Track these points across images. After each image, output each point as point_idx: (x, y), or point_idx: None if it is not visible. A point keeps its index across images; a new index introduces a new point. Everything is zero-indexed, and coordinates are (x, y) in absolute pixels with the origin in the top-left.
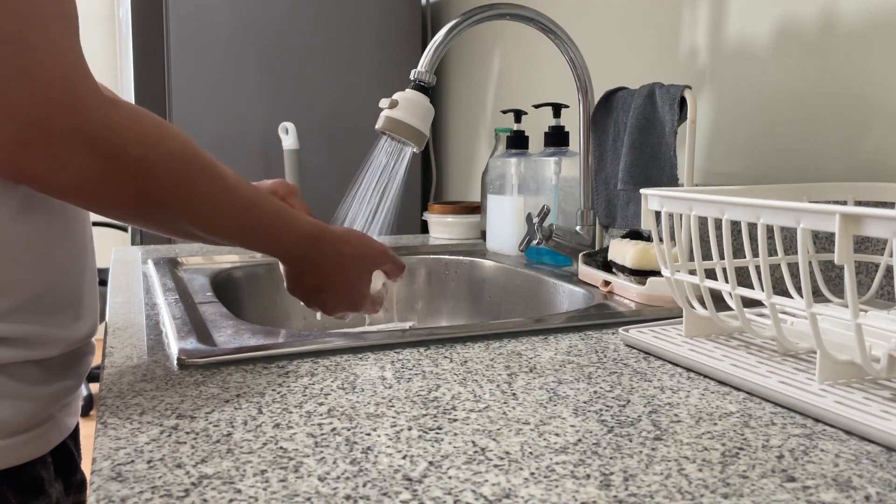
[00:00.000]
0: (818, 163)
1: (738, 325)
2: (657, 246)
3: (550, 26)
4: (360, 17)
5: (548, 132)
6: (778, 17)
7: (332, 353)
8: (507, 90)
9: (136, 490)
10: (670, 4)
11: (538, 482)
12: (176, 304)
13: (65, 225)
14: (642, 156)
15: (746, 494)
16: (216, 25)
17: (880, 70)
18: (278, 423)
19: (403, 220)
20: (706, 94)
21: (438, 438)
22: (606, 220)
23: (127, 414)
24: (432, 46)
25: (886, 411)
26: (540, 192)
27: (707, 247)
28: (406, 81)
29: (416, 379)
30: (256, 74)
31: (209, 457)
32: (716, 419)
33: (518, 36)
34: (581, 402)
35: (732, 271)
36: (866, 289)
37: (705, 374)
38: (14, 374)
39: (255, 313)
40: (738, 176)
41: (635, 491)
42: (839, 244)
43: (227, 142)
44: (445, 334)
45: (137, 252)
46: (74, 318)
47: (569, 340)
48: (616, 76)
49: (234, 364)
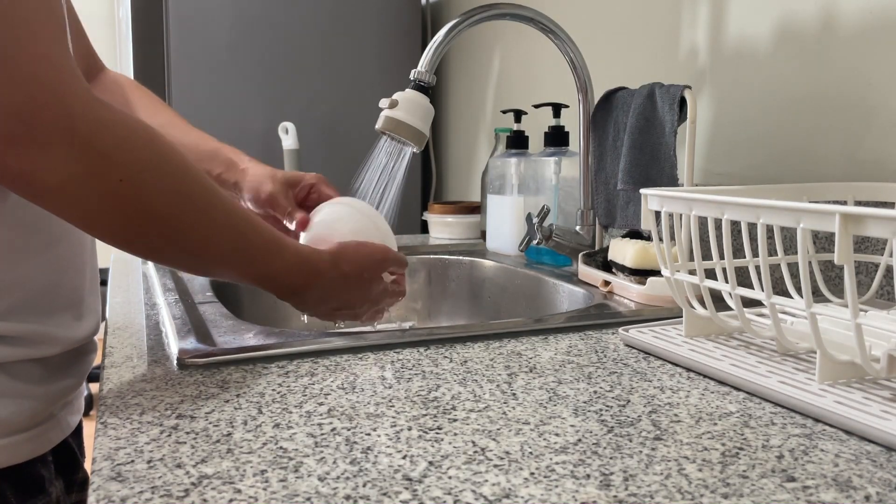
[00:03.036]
0: (818, 163)
1: (738, 325)
2: (657, 246)
3: (550, 26)
4: (360, 17)
5: (548, 132)
6: (778, 18)
7: (332, 353)
8: (507, 90)
9: (136, 490)
10: (670, 4)
11: (538, 482)
12: (176, 304)
13: (64, 226)
14: (642, 156)
15: (746, 494)
16: (216, 25)
17: (880, 70)
18: (278, 423)
19: (403, 220)
20: (706, 94)
21: (438, 438)
22: (606, 220)
23: (127, 414)
24: (432, 46)
25: (886, 411)
26: (540, 192)
27: (707, 247)
28: (406, 81)
29: (416, 379)
30: (256, 74)
31: (209, 457)
32: (716, 419)
33: (518, 36)
34: (581, 402)
35: (732, 271)
36: (866, 289)
37: (705, 374)
38: (14, 373)
39: (255, 313)
40: (738, 176)
41: (635, 491)
42: (839, 244)
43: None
44: (445, 334)
45: None
46: (76, 318)
47: (569, 340)
48: (616, 76)
49: (234, 364)
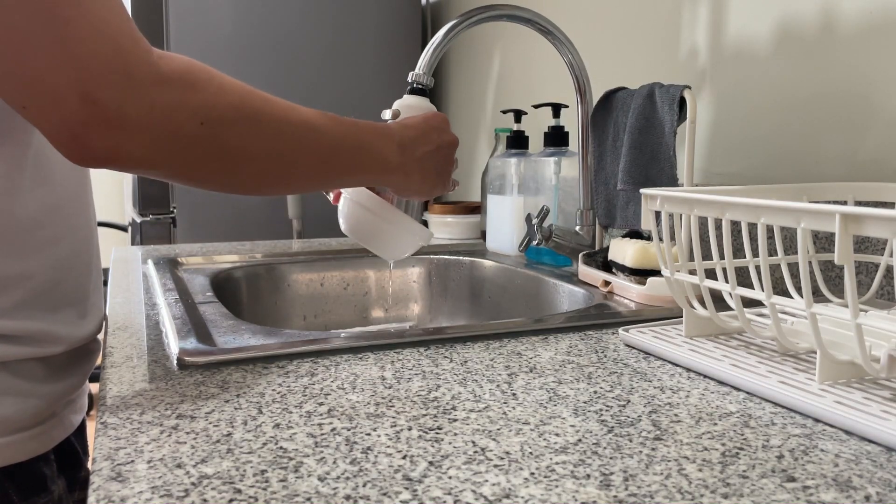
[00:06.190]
0: (818, 163)
1: (738, 325)
2: (657, 246)
3: (549, 27)
4: (360, 18)
5: (547, 132)
6: (778, 18)
7: (332, 353)
8: (507, 90)
9: (136, 490)
10: (670, 4)
11: (538, 482)
12: (176, 303)
13: (67, 223)
14: (642, 156)
15: (746, 494)
16: (216, 25)
17: (880, 70)
18: (278, 423)
19: None
20: (706, 94)
21: (438, 438)
22: (606, 220)
23: (127, 414)
24: (430, 48)
25: (886, 411)
26: (540, 192)
27: (707, 247)
28: (406, 82)
29: (416, 379)
30: (256, 74)
31: (209, 457)
32: (716, 419)
33: (518, 36)
34: (581, 402)
35: (732, 271)
36: (866, 289)
37: (705, 374)
38: (18, 371)
39: (255, 313)
40: (737, 176)
41: (635, 491)
42: (839, 244)
43: None
44: (445, 334)
45: (137, 252)
46: (79, 316)
47: (569, 340)
48: (616, 76)
49: (234, 364)
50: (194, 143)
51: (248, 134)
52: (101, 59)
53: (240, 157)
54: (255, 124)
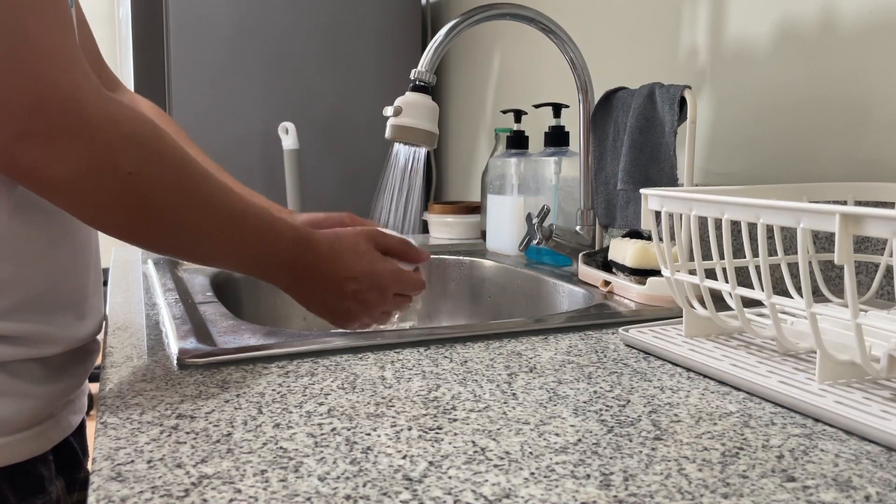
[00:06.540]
0: (818, 163)
1: (738, 325)
2: (657, 246)
3: (550, 26)
4: (360, 18)
5: (548, 132)
6: (778, 18)
7: (332, 353)
8: (507, 90)
9: (136, 490)
10: (670, 5)
11: (538, 482)
12: (176, 304)
13: (66, 223)
14: (642, 156)
15: (746, 494)
16: (216, 25)
17: (880, 70)
18: (278, 423)
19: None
20: (706, 94)
21: (438, 438)
22: (606, 220)
23: (127, 414)
24: (432, 46)
25: (886, 411)
26: (540, 192)
27: (707, 247)
28: (406, 81)
29: (416, 379)
30: (256, 74)
31: (209, 457)
32: (716, 419)
33: (518, 36)
34: (581, 402)
35: (732, 271)
36: (866, 289)
37: (705, 374)
38: (15, 372)
39: (255, 313)
40: (737, 176)
41: (635, 491)
42: (839, 244)
43: (227, 142)
44: (445, 334)
45: (137, 252)
46: (78, 318)
47: (569, 340)
48: (616, 76)
49: (234, 364)
50: (116, 188)
51: (171, 202)
52: (50, 80)
53: (152, 222)
54: (180, 197)
